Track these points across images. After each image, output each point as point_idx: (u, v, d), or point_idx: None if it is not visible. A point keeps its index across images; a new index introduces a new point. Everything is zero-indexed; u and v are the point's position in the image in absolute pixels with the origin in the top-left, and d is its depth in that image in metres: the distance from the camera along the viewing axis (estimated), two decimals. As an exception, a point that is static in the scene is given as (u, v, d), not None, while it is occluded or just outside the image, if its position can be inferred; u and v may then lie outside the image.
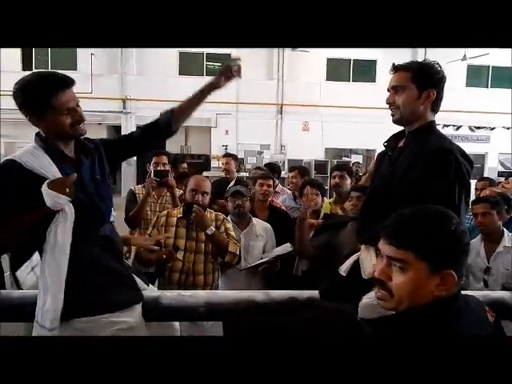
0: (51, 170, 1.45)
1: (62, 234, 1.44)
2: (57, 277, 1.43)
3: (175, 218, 2.45)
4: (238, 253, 2.43)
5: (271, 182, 3.24)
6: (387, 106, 1.68)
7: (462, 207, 1.52)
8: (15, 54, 12.46)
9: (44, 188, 1.41)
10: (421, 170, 1.52)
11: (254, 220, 2.83)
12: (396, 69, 1.64)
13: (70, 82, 1.49)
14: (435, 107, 1.64)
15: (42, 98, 1.43)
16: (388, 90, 1.68)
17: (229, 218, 2.77)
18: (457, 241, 0.96)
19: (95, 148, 1.64)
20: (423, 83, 1.59)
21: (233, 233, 2.54)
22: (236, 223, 2.76)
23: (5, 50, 12.02)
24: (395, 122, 1.68)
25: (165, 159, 3.33)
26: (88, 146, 1.61)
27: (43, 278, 1.45)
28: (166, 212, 2.56)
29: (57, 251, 1.44)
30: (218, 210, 2.83)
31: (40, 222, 1.43)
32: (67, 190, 1.43)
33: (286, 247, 2.64)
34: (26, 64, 12.62)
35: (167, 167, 3.31)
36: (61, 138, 1.51)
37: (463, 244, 0.97)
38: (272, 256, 2.67)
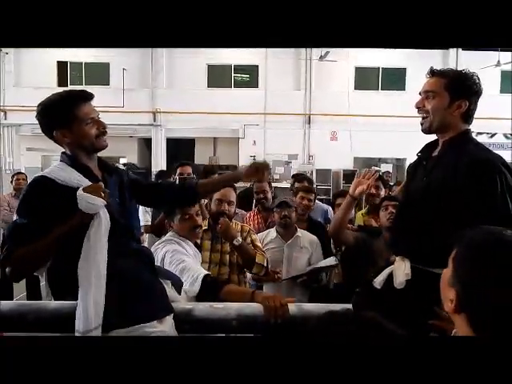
0: (83, 181, 1.49)
1: (95, 237, 1.47)
2: (89, 279, 1.45)
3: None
4: (265, 264, 2.37)
5: (312, 197, 3.18)
6: (416, 110, 1.63)
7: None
8: (51, 70, 12.97)
9: (79, 192, 1.44)
10: (462, 181, 1.47)
11: (300, 232, 2.80)
12: (432, 73, 1.60)
13: (89, 96, 1.54)
14: (467, 118, 1.59)
15: (66, 109, 1.48)
16: (420, 94, 1.64)
17: (274, 228, 2.76)
18: None
19: (119, 173, 1.68)
20: (456, 92, 1.54)
21: (259, 244, 2.50)
22: (281, 234, 2.75)
23: (41, 66, 12.54)
24: (424, 131, 1.63)
25: (189, 169, 3.40)
26: (111, 166, 1.66)
27: (80, 283, 1.47)
28: None
29: (91, 254, 1.46)
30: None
31: (77, 232, 1.46)
32: (102, 194, 1.47)
33: (331, 261, 2.60)
34: (62, 80, 13.11)
35: (192, 177, 3.36)
36: (85, 150, 1.54)
37: None
38: (309, 269, 2.64)
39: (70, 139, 1.52)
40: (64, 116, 1.49)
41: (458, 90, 1.54)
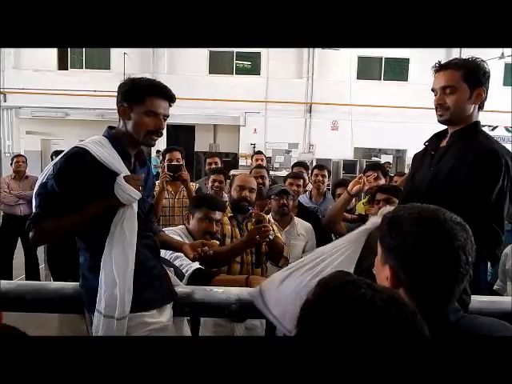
0: (122, 168, 1.49)
1: (129, 229, 1.48)
2: (125, 270, 1.46)
3: (226, 218, 2.33)
4: (288, 256, 2.33)
5: (301, 182, 3.24)
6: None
7: (505, 210, 1.49)
8: (51, 53, 12.84)
9: (120, 181, 1.45)
10: (468, 172, 1.48)
11: (296, 219, 2.80)
12: (443, 67, 1.58)
13: (170, 96, 1.55)
14: (482, 106, 1.61)
15: (141, 89, 1.50)
16: (433, 90, 1.62)
17: (270, 215, 2.75)
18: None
19: (147, 167, 1.70)
20: (474, 82, 1.54)
21: (279, 234, 2.44)
22: (278, 221, 2.74)
23: (41, 49, 12.42)
24: (442, 122, 1.63)
25: (178, 155, 3.40)
26: (144, 157, 1.67)
27: (109, 271, 1.46)
28: None
29: (126, 246, 1.47)
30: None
31: (103, 215, 1.47)
32: (140, 187, 1.49)
33: None
34: (62, 63, 12.99)
35: (181, 162, 3.35)
36: (132, 138, 1.54)
37: None
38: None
39: (127, 118, 1.53)
40: (135, 93, 1.50)
41: (476, 79, 1.54)
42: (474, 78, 1.54)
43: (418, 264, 0.86)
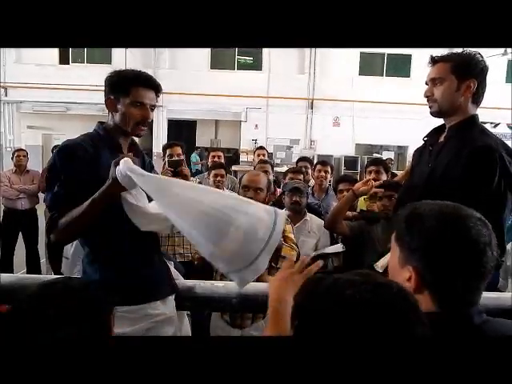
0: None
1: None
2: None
3: None
4: (294, 259, 2.08)
5: (301, 177, 3.28)
6: (425, 99, 1.64)
7: (506, 207, 1.48)
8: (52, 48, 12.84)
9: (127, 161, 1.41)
10: (463, 168, 1.47)
11: (308, 216, 2.78)
12: (435, 61, 1.59)
13: (155, 86, 1.57)
14: (477, 99, 1.58)
15: (126, 81, 1.51)
16: (426, 83, 1.64)
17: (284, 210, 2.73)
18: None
19: (143, 160, 1.69)
20: (463, 74, 1.53)
21: (291, 235, 2.25)
22: (289, 217, 2.73)
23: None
24: (432, 114, 1.64)
25: (179, 150, 3.42)
26: (139, 150, 1.67)
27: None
28: None
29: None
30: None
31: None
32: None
33: (338, 247, 2.61)
34: (63, 58, 12.97)
35: (181, 157, 3.36)
36: (121, 129, 1.54)
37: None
38: (316, 253, 2.65)
39: (114, 110, 1.53)
40: (120, 85, 1.51)
41: (464, 71, 1.53)
42: (463, 69, 1.53)
43: (445, 263, 0.82)
